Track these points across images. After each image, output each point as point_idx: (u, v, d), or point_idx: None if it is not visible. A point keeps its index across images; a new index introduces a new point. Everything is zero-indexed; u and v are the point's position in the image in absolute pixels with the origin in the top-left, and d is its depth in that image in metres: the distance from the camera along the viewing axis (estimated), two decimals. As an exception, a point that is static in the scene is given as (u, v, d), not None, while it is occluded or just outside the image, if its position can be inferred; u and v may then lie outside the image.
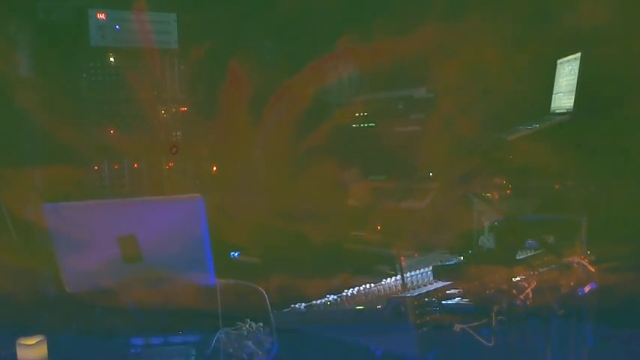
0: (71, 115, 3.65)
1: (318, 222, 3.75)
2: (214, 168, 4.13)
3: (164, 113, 3.96)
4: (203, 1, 4.02)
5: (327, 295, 2.41)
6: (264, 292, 2.44)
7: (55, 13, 3.73)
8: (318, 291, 2.47)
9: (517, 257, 2.50)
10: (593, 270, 2.46)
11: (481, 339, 2.07)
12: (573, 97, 3.02)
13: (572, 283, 2.39)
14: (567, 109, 3.08)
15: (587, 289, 2.42)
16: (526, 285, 2.22)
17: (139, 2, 3.80)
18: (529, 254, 2.58)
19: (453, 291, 2.25)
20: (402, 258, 2.48)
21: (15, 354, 2.26)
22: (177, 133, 3.99)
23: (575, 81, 3.02)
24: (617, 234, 2.71)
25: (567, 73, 3.14)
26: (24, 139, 3.60)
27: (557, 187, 2.99)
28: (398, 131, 3.76)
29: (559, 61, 3.25)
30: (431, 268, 2.47)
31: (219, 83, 3.91)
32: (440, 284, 2.31)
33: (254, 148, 4.02)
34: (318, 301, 2.38)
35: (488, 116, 3.42)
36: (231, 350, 2.36)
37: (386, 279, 2.51)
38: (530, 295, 2.19)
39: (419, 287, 2.31)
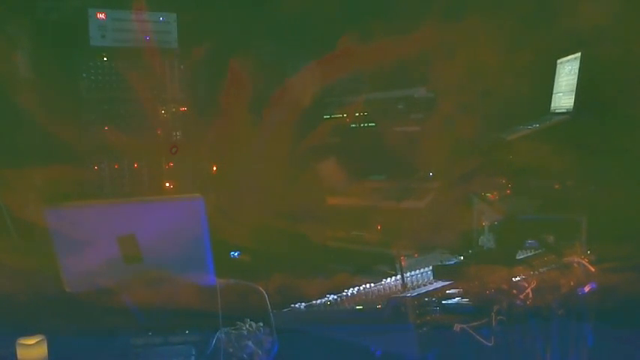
0: (71, 115, 3.66)
1: (318, 222, 3.75)
2: (214, 168, 4.13)
3: (164, 113, 3.96)
4: (203, 1, 4.02)
5: (327, 295, 2.41)
6: (264, 292, 2.44)
7: (55, 13, 3.73)
8: (318, 291, 2.47)
9: (517, 257, 2.51)
10: (593, 270, 2.46)
11: (481, 339, 2.08)
12: (573, 97, 3.02)
13: (572, 283, 2.40)
14: (567, 109, 3.08)
15: (587, 289, 2.42)
16: (526, 285, 2.22)
17: (138, 2, 3.80)
18: (529, 254, 2.58)
19: (453, 291, 2.25)
20: (402, 258, 2.48)
21: (15, 354, 2.26)
22: (177, 133, 3.99)
23: (575, 81, 3.02)
24: (617, 234, 2.70)
25: (567, 73, 3.14)
26: (24, 139, 3.60)
27: (557, 187, 2.98)
28: (398, 131, 3.76)
29: (559, 61, 3.25)
30: (431, 268, 2.47)
31: (219, 83, 3.91)
32: (440, 284, 2.31)
33: (254, 148, 4.02)
34: (318, 301, 2.39)
35: (488, 116, 3.43)
36: (231, 350, 2.36)
37: (386, 279, 2.51)
38: (530, 295, 2.19)
39: (419, 287, 2.31)
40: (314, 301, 2.39)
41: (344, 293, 2.41)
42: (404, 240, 2.93)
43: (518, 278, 2.29)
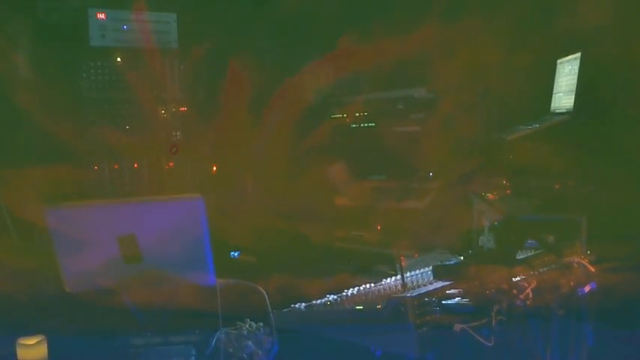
0: (71, 115, 3.66)
1: (318, 222, 3.75)
2: (214, 168, 4.14)
3: (164, 113, 3.96)
4: (203, 1, 4.02)
5: (327, 295, 2.41)
6: (264, 292, 2.44)
7: (55, 13, 3.73)
8: (318, 291, 2.47)
9: (517, 257, 2.50)
10: (593, 270, 2.46)
11: (481, 339, 2.08)
12: (573, 97, 3.02)
13: (572, 283, 2.40)
14: (567, 109, 3.08)
15: (587, 289, 2.42)
16: (526, 285, 2.22)
17: (139, 2, 3.80)
18: (529, 254, 2.58)
19: (453, 291, 2.25)
20: (402, 258, 2.48)
21: (15, 354, 2.26)
22: (177, 133, 3.99)
23: (575, 81, 3.02)
24: (617, 234, 2.70)
25: (567, 73, 3.14)
26: (24, 139, 3.60)
27: (557, 187, 2.99)
28: (398, 131, 3.76)
29: (559, 61, 3.25)
30: (431, 268, 2.47)
31: (219, 83, 3.91)
32: (440, 284, 2.31)
33: (254, 148, 4.02)
34: (318, 301, 2.38)
35: (488, 116, 3.43)
36: (231, 350, 2.36)
37: (386, 279, 2.51)
38: (530, 295, 2.19)
39: (419, 287, 2.31)
40: (314, 301, 2.38)
41: (344, 293, 2.40)
42: (404, 240, 2.93)
43: (518, 278, 2.29)
